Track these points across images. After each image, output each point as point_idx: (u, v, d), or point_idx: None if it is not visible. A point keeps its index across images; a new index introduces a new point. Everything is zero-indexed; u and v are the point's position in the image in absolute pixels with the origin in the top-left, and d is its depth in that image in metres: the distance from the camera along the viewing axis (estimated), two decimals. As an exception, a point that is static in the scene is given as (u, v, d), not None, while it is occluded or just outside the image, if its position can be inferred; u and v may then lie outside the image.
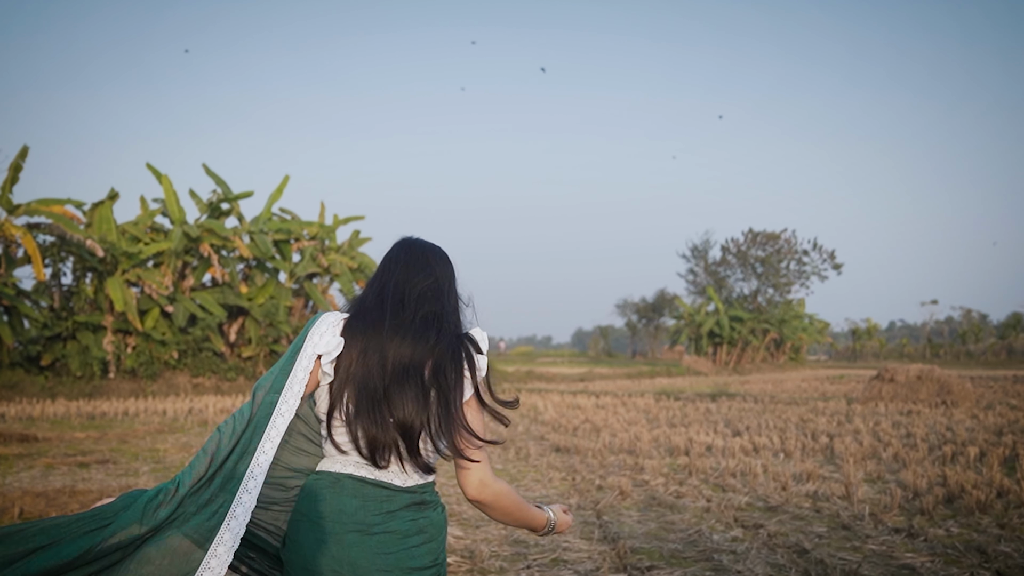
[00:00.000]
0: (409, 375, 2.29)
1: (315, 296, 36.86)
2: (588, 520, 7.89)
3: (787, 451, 12.59)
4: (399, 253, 2.47)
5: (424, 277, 2.42)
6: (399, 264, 2.44)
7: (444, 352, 2.31)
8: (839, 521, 7.82)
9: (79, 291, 31.09)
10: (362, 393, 2.28)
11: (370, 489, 2.28)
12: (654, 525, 7.69)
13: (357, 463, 2.31)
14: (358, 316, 2.37)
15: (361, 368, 2.29)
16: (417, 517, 2.30)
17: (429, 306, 2.39)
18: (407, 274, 2.41)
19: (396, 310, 2.36)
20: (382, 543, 2.25)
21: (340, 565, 2.22)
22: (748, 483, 9.83)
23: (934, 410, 20.22)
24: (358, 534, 2.24)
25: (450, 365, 2.31)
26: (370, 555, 2.23)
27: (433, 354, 2.31)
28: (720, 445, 13.11)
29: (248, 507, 2.24)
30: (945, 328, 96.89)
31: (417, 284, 2.40)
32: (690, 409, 20.63)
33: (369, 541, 2.24)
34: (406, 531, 2.27)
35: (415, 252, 2.46)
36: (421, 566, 2.27)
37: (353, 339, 2.32)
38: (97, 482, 9.86)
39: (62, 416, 19.04)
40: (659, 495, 9.12)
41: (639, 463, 11.30)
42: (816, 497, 9.05)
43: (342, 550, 2.23)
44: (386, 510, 2.27)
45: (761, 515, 8.11)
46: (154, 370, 30.72)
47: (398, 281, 2.40)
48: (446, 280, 2.46)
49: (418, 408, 2.27)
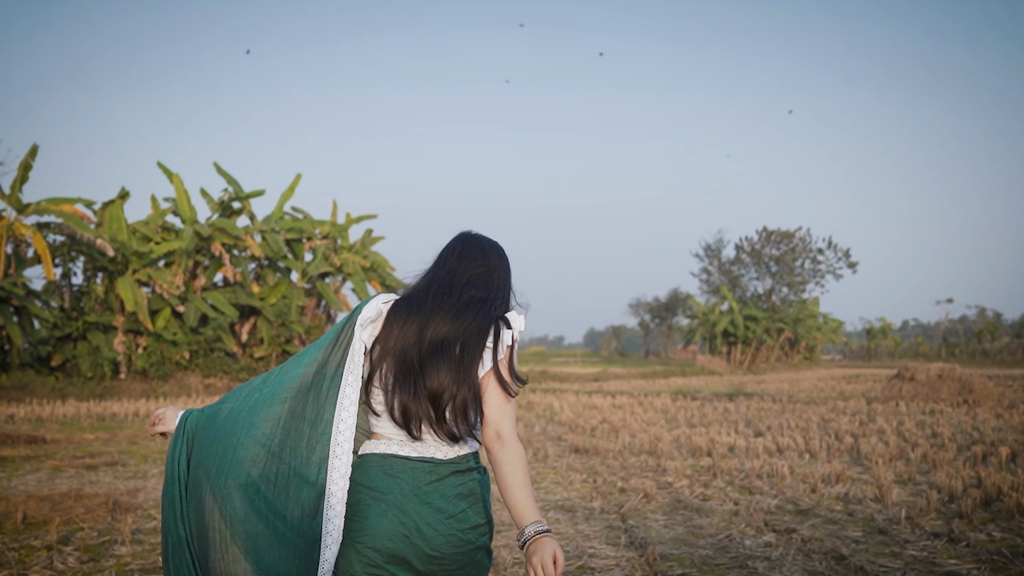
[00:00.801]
0: (443, 348, 2.46)
1: (328, 296, 36.61)
2: (613, 524, 7.58)
3: (812, 452, 12.26)
4: (456, 244, 2.65)
5: (476, 266, 2.60)
6: (454, 254, 2.62)
7: (475, 329, 2.48)
8: (874, 525, 7.49)
9: (90, 291, 30.90)
10: (400, 365, 2.48)
11: (416, 463, 2.48)
12: (682, 530, 7.37)
13: (400, 443, 2.50)
14: (406, 298, 2.58)
15: (400, 342, 2.49)
16: (464, 481, 2.51)
17: (475, 291, 2.56)
18: (459, 263, 2.60)
19: (442, 293, 2.54)
20: (438, 510, 2.45)
21: (408, 531, 2.43)
22: (775, 485, 9.51)
23: (957, 409, 19.85)
24: (415, 506, 2.44)
25: (475, 339, 2.47)
26: (431, 521, 2.44)
27: (466, 330, 2.48)
28: (743, 446, 12.79)
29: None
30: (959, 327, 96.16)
31: (467, 272, 2.58)
32: (708, 409, 20.30)
33: (426, 509, 2.45)
34: (455, 495, 2.49)
35: (471, 244, 2.64)
36: (474, 525, 2.50)
37: (396, 315, 2.53)
38: (105, 485, 9.59)
39: (71, 417, 18.80)
40: (684, 498, 8.81)
41: (661, 464, 10.99)
42: (847, 500, 8.73)
43: (407, 517, 2.44)
44: (433, 479, 2.47)
45: (792, 519, 7.79)
46: (165, 371, 30.51)
47: (450, 269, 2.59)
48: (498, 270, 2.63)
49: (449, 379, 2.44)
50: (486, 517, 2.54)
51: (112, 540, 6.79)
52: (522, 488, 2.41)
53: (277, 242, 34.38)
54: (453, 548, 2.45)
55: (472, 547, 2.49)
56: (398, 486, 2.46)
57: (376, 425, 2.55)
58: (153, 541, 6.80)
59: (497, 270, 2.63)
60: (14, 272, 27.83)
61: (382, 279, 38.85)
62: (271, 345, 33.95)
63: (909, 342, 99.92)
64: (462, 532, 2.46)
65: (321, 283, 37.18)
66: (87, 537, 6.88)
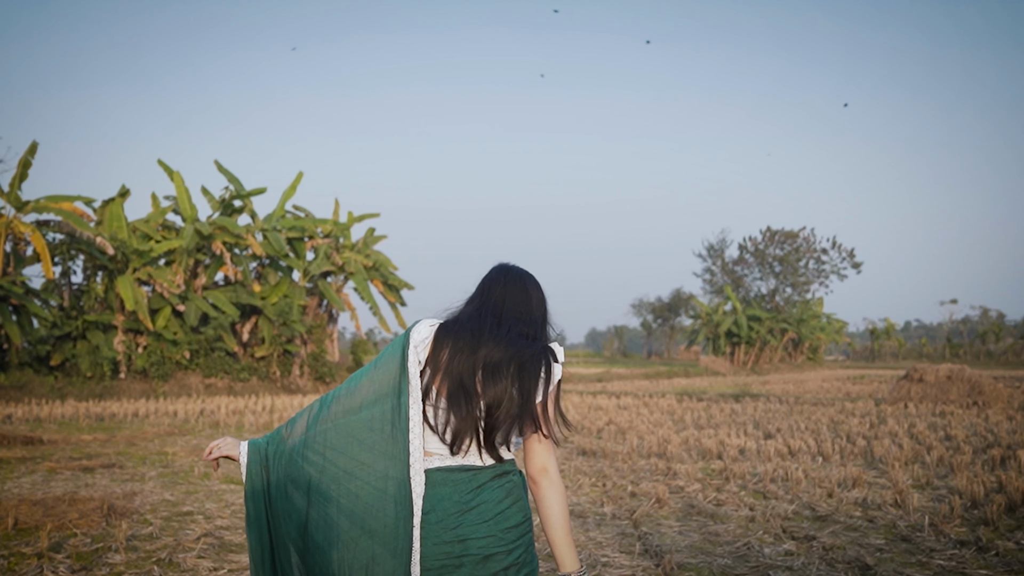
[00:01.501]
0: (499, 370, 2.58)
1: (329, 295, 36.36)
2: (626, 531, 7.31)
3: (824, 455, 11.99)
4: (499, 276, 2.79)
5: (522, 300, 2.74)
6: (499, 285, 2.76)
7: (530, 356, 2.61)
8: (897, 532, 7.22)
9: (89, 290, 30.62)
10: (456, 388, 2.58)
11: (457, 474, 2.61)
12: (697, 537, 7.10)
13: (441, 457, 2.62)
14: (454, 322, 2.69)
15: (454, 364, 2.60)
16: (503, 483, 2.63)
17: (523, 327, 2.70)
18: (505, 295, 2.73)
19: (493, 325, 2.67)
20: (480, 513, 2.58)
21: (451, 547, 2.56)
22: (791, 489, 9.24)
23: (967, 411, 19.59)
24: (458, 514, 2.57)
25: (531, 366, 2.59)
26: (473, 526, 2.57)
27: (521, 357, 2.60)
28: (753, 448, 12.52)
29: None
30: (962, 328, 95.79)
31: (515, 306, 2.72)
32: (715, 410, 20.04)
33: (469, 516, 2.58)
34: (497, 498, 2.61)
35: (513, 276, 2.78)
36: (516, 523, 2.62)
37: (447, 338, 2.64)
38: (100, 488, 9.33)
39: (70, 417, 18.56)
40: (698, 503, 8.54)
41: (671, 468, 10.72)
42: (866, 505, 8.46)
43: (448, 532, 2.56)
44: (475, 486, 2.60)
45: (811, 525, 7.52)
46: (165, 370, 30.25)
47: (497, 301, 2.72)
48: (539, 304, 2.77)
49: (504, 398, 2.55)
50: (524, 516, 2.65)
51: (106, 547, 6.52)
52: (564, 528, 2.60)
53: (279, 241, 34.08)
54: (496, 548, 2.58)
55: (515, 546, 2.61)
56: (439, 497, 2.59)
57: (426, 443, 2.66)
58: (148, 548, 6.53)
59: (538, 303, 2.77)
60: (13, 270, 27.57)
61: (384, 278, 38.60)
62: (272, 345, 33.67)
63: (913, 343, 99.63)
64: (502, 532, 2.59)
65: (323, 282, 36.91)
66: (80, 544, 6.60)
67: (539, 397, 2.58)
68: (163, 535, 7.00)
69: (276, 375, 33.86)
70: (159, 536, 6.96)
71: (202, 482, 9.86)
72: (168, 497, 8.84)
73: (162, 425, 16.94)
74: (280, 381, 33.57)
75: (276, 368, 33.89)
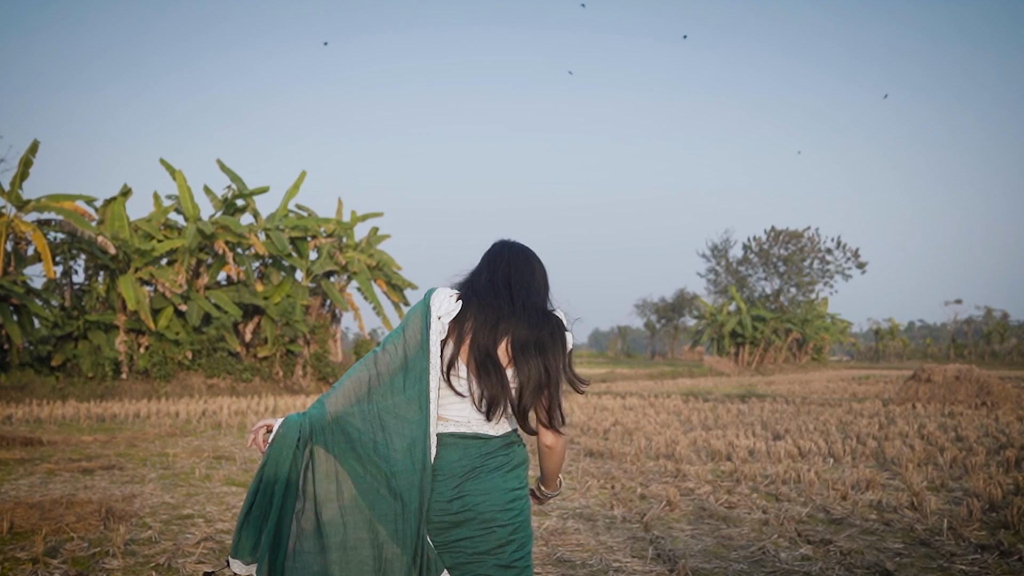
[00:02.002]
0: (527, 349, 2.82)
1: (333, 295, 36.15)
2: (636, 535, 7.11)
3: (835, 456, 11.80)
4: (503, 250, 3.02)
5: (527, 272, 2.97)
6: (504, 259, 2.98)
7: (549, 334, 2.86)
8: (915, 536, 7.03)
9: (91, 289, 30.45)
10: (485, 361, 2.82)
11: (469, 441, 2.87)
12: (710, 540, 6.91)
13: (456, 423, 2.88)
14: (472, 293, 2.92)
15: (481, 339, 2.83)
16: (508, 452, 2.91)
17: (533, 297, 2.93)
18: (511, 268, 2.95)
19: (507, 297, 2.89)
20: (484, 479, 2.85)
21: (453, 505, 2.83)
22: (803, 492, 9.05)
23: (976, 411, 19.38)
24: (463, 477, 2.84)
25: (553, 343, 2.85)
26: (476, 491, 2.83)
27: (543, 333, 2.85)
28: (763, 449, 12.33)
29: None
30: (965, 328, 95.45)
31: (521, 278, 2.95)
32: (722, 411, 19.84)
33: (474, 480, 2.84)
34: (501, 464, 2.88)
35: (517, 251, 3.02)
36: (515, 487, 2.89)
37: (468, 311, 2.88)
38: (99, 491, 9.14)
39: (71, 418, 18.38)
40: (709, 506, 8.35)
41: (680, 469, 10.53)
42: (881, 508, 8.27)
43: (453, 491, 2.83)
44: (484, 452, 2.87)
45: (826, 529, 7.33)
46: (167, 371, 30.07)
47: (506, 273, 2.94)
48: (542, 275, 3.01)
49: (535, 374, 2.80)
50: (523, 483, 2.94)
51: (103, 552, 6.33)
52: (556, 470, 3.06)
53: (281, 240, 33.84)
54: (495, 512, 2.84)
55: (513, 514, 2.87)
56: (449, 460, 2.85)
57: (442, 408, 2.90)
58: (146, 553, 6.35)
59: (541, 274, 3.01)
60: (14, 270, 27.38)
61: (388, 278, 38.40)
62: (275, 345, 33.47)
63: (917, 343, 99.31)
64: (501, 495, 2.85)
65: (326, 282, 36.70)
66: (76, 548, 6.42)
67: (560, 364, 2.85)
68: (162, 539, 6.81)
69: (279, 375, 33.66)
70: (158, 540, 6.77)
71: (203, 484, 9.68)
72: (168, 500, 8.66)
73: (163, 426, 16.76)
74: (283, 382, 33.37)
75: (279, 368, 33.69)
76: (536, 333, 2.83)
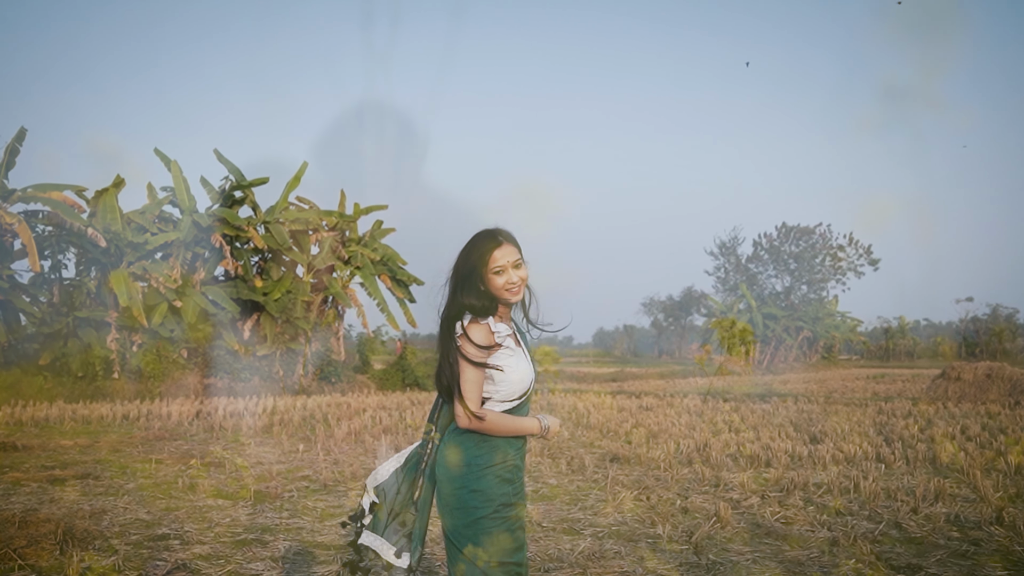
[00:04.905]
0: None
1: (335, 290, 35.13)
2: (688, 560, 6.02)
3: (885, 461, 10.73)
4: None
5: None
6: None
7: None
8: (1015, 558, 5.96)
9: (80, 285, 29.38)
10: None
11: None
12: (776, 566, 5.82)
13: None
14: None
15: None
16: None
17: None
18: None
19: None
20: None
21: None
22: (866, 504, 7.97)
23: (1013, 411, 18.31)
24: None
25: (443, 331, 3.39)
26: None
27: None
28: (804, 453, 11.24)
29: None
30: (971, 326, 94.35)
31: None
32: (745, 411, 18.75)
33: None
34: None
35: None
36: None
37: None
38: (65, 505, 8.04)
39: (54, 420, 17.30)
40: (764, 521, 7.26)
41: (719, 477, 9.45)
42: (961, 523, 7.18)
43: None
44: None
45: (907, 551, 6.25)
46: (162, 369, 29.05)
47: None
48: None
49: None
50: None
51: (51, 585, 5.25)
52: (514, 425, 3.35)
53: (281, 234, 32.80)
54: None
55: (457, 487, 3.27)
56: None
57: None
58: (104, 586, 5.26)
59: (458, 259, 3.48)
60: None
61: (392, 273, 37.36)
62: (275, 343, 32.49)
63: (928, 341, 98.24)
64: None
65: (328, 277, 35.67)
66: (20, 580, 5.34)
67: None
68: (126, 567, 5.71)
69: (279, 375, 32.71)
70: (121, 569, 5.68)
71: (185, 496, 8.58)
72: (143, 516, 7.55)
73: (152, 429, 15.70)
74: (283, 381, 32.43)
75: (279, 367, 32.72)
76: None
